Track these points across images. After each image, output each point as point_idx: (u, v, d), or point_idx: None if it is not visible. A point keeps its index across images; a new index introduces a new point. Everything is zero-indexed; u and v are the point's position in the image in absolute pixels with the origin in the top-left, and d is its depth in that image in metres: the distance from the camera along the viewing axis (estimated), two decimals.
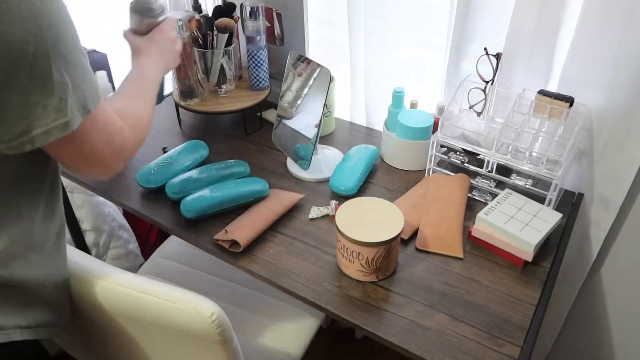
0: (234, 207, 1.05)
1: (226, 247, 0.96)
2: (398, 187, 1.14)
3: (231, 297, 1.21)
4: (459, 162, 1.11)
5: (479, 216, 0.97)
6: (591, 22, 0.93)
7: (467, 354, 0.79)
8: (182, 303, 0.71)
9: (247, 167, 1.13)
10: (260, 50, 1.27)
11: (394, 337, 0.82)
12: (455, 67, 1.15)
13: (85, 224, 1.47)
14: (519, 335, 0.82)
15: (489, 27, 1.08)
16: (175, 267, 1.30)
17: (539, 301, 0.88)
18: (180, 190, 1.05)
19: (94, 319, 0.84)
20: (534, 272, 0.93)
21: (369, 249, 0.86)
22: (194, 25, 1.23)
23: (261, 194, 1.06)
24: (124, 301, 0.74)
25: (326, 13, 1.31)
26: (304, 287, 0.90)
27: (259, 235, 0.99)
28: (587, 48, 0.96)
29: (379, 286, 0.91)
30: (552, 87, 1.07)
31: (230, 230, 0.97)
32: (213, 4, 1.38)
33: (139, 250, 1.68)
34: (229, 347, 0.75)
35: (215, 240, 0.98)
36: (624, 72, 0.93)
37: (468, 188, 1.08)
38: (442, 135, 1.08)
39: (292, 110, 1.18)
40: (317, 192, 1.12)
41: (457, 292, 0.89)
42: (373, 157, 1.17)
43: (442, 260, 0.96)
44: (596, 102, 1.01)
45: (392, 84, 1.25)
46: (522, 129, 1.03)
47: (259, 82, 1.32)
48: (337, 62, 1.33)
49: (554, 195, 1.00)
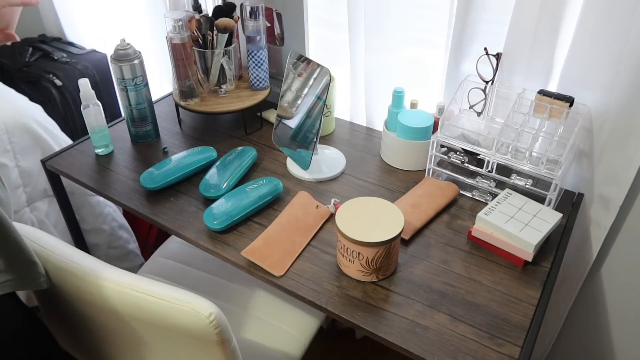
0: (254, 209, 1.05)
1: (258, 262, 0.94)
2: (398, 187, 1.14)
3: (231, 297, 1.21)
4: (459, 162, 1.10)
5: (479, 216, 0.97)
6: (591, 22, 0.93)
7: (467, 354, 0.79)
8: (180, 303, 0.71)
9: (280, 185, 1.10)
10: (260, 50, 1.27)
11: (394, 337, 0.82)
12: (455, 67, 1.15)
13: (85, 224, 1.47)
14: (519, 335, 0.82)
15: (489, 27, 1.08)
16: (175, 267, 1.30)
17: (539, 301, 0.88)
18: (226, 219, 1.02)
19: (93, 318, 0.84)
20: (534, 272, 0.93)
21: (369, 249, 0.86)
22: (194, 25, 1.23)
23: (277, 193, 1.08)
24: (123, 301, 0.74)
25: (326, 13, 1.31)
26: (304, 287, 0.90)
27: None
28: (587, 48, 0.96)
29: (379, 286, 0.91)
30: (552, 87, 1.07)
31: (267, 253, 0.95)
32: (213, 4, 1.38)
33: (139, 250, 1.68)
34: (227, 347, 0.75)
35: (246, 257, 0.95)
36: (624, 72, 0.93)
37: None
38: (442, 135, 1.08)
39: (292, 110, 1.18)
40: (317, 192, 1.12)
41: (457, 292, 0.89)
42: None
43: (442, 260, 0.96)
44: (596, 102, 1.01)
45: (392, 84, 1.25)
46: (522, 129, 1.03)
47: (259, 82, 1.32)
48: (337, 62, 1.33)
49: (554, 195, 1.00)
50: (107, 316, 0.80)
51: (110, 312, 0.78)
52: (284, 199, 1.10)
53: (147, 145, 1.28)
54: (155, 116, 1.28)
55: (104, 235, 1.53)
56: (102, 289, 0.75)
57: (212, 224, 1.00)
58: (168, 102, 1.47)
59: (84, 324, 0.87)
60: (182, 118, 1.38)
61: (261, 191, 1.07)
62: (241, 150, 1.19)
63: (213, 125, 1.37)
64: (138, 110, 1.23)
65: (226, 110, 1.27)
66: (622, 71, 0.93)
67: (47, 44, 1.80)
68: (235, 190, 1.07)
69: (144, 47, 1.60)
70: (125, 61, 1.15)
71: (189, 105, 1.28)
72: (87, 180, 1.15)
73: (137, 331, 0.79)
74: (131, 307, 0.74)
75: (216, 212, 1.02)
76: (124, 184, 1.14)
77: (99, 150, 1.24)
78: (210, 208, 1.03)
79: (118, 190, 1.13)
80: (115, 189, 1.13)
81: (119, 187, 1.14)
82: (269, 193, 1.07)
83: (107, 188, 1.13)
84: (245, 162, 1.16)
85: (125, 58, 1.15)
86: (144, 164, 1.21)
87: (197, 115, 1.40)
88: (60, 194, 1.29)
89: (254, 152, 1.19)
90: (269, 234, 0.99)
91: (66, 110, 1.65)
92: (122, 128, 1.34)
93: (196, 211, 1.07)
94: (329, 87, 1.10)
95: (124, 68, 1.16)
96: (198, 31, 1.24)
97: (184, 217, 1.05)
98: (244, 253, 0.94)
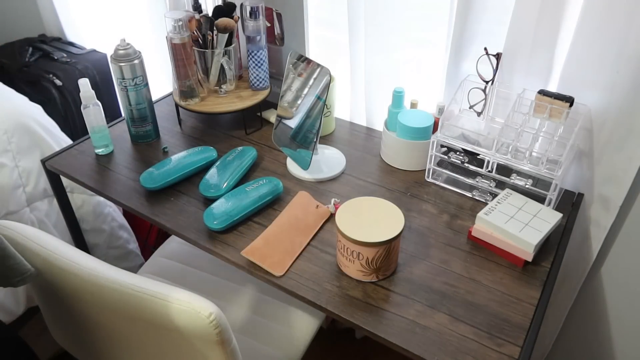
0: (254, 209, 1.05)
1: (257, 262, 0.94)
2: (398, 187, 1.14)
3: (231, 297, 1.21)
4: (459, 162, 1.10)
5: (479, 216, 0.97)
6: (591, 22, 0.93)
7: (467, 354, 0.79)
8: (180, 303, 0.71)
9: (280, 185, 1.10)
10: (260, 50, 1.27)
11: (394, 337, 0.82)
12: (455, 67, 1.15)
13: (85, 224, 1.47)
14: (519, 335, 0.82)
15: (489, 27, 1.08)
16: (175, 267, 1.30)
17: (539, 301, 0.88)
18: (227, 219, 1.02)
19: (93, 318, 0.84)
20: (534, 272, 0.93)
21: (369, 249, 0.86)
22: (194, 25, 1.23)
23: (277, 193, 1.08)
24: (123, 301, 0.74)
25: (326, 13, 1.31)
26: (304, 287, 0.90)
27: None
28: (587, 48, 0.96)
29: (379, 286, 0.91)
30: (552, 87, 1.07)
31: (267, 253, 0.95)
32: (213, 4, 1.38)
33: (139, 250, 1.68)
34: (227, 347, 0.75)
35: (246, 257, 0.95)
36: (624, 72, 0.93)
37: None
38: (442, 135, 1.08)
39: (292, 110, 1.18)
40: (317, 192, 1.12)
41: (457, 292, 0.89)
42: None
43: (442, 260, 0.96)
44: (596, 102, 1.01)
45: (392, 84, 1.25)
46: (522, 129, 1.03)
47: (259, 82, 1.32)
48: (337, 62, 1.33)
49: (554, 195, 1.00)
50: (107, 316, 0.80)
51: (110, 312, 0.78)
52: (284, 199, 1.10)
53: (147, 145, 1.28)
54: (155, 116, 1.28)
55: (104, 235, 1.53)
56: (102, 289, 0.75)
57: (212, 224, 1.00)
58: (168, 102, 1.47)
59: (84, 323, 0.87)
60: (182, 118, 1.38)
61: (261, 191, 1.07)
62: (241, 150, 1.19)
63: (213, 125, 1.37)
64: (138, 110, 1.23)
65: (226, 110, 1.27)
66: (622, 71, 0.93)
67: (47, 44, 1.80)
68: (235, 190, 1.07)
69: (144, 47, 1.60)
70: (125, 61, 1.15)
71: (189, 105, 1.28)
72: (87, 180, 1.15)
73: (137, 331, 0.79)
74: (131, 307, 0.74)
75: (216, 212, 1.02)
76: (124, 184, 1.14)
77: (99, 150, 1.24)
78: (210, 208, 1.03)
79: (118, 190, 1.13)
80: (115, 189, 1.13)
81: (119, 187, 1.14)
82: (269, 193, 1.07)
83: (107, 188, 1.13)
84: (245, 162, 1.16)
85: (125, 58, 1.15)
86: (144, 164, 1.21)
87: (197, 115, 1.40)
88: (60, 194, 1.30)
89: (254, 152, 1.19)
90: (269, 234, 0.99)
91: (66, 110, 1.65)
92: (122, 128, 1.34)
93: (196, 211, 1.07)
94: (329, 87, 1.10)
95: (124, 68, 1.16)
96: (198, 31, 1.24)
97: (184, 217, 1.05)
98: (244, 253, 0.94)
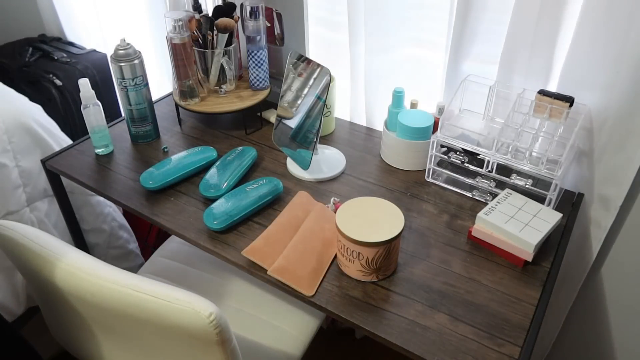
0: (254, 209, 1.05)
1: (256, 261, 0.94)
2: (398, 187, 1.14)
3: (231, 297, 1.21)
4: (459, 162, 1.10)
5: (479, 216, 0.97)
6: (591, 22, 0.93)
7: (467, 353, 0.79)
8: (180, 303, 0.71)
9: (280, 185, 1.10)
10: (260, 50, 1.27)
11: (394, 337, 0.82)
12: (455, 67, 1.15)
13: (85, 224, 1.47)
14: (519, 335, 0.82)
15: (489, 27, 1.08)
16: (175, 267, 1.30)
17: (539, 301, 0.88)
18: (227, 219, 1.02)
19: (93, 318, 0.84)
20: (534, 272, 0.93)
21: (369, 249, 0.86)
22: (194, 25, 1.23)
23: (277, 192, 1.08)
24: (123, 301, 0.74)
25: (326, 13, 1.31)
26: None
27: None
28: (587, 48, 0.96)
29: (379, 286, 0.91)
30: (552, 87, 1.07)
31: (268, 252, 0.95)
32: (213, 4, 1.38)
33: (139, 250, 1.68)
34: (227, 347, 0.75)
35: (246, 256, 0.95)
36: (624, 72, 0.93)
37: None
38: (442, 135, 1.08)
39: (292, 110, 1.18)
40: (317, 192, 1.12)
41: (457, 292, 0.89)
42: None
43: (442, 260, 0.96)
44: (596, 102, 1.01)
45: (392, 84, 1.25)
46: (522, 129, 1.03)
47: (259, 82, 1.32)
48: (337, 62, 1.33)
49: (554, 195, 1.00)
50: (107, 316, 0.80)
51: (111, 312, 0.78)
52: (284, 199, 1.10)
53: (147, 145, 1.28)
54: (155, 116, 1.28)
55: (104, 235, 1.53)
56: (102, 289, 0.75)
57: (212, 224, 1.00)
58: (168, 102, 1.47)
59: (84, 323, 0.87)
60: (182, 118, 1.38)
61: (261, 191, 1.07)
62: (241, 150, 1.19)
63: (213, 125, 1.37)
64: (138, 110, 1.23)
65: (226, 110, 1.27)
66: (622, 71, 0.93)
67: (47, 44, 1.80)
68: (235, 190, 1.07)
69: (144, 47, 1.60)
70: (125, 61, 1.15)
71: (189, 105, 1.28)
72: (87, 180, 1.15)
73: (137, 331, 0.79)
74: (131, 307, 0.74)
75: (216, 212, 1.02)
76: (124, 184, 1.14)
77: (99, 150, 1.24)
78: (210, 208, 1.03)
79: (118, 190, 1.13)
80: (115, 189, 1.13)
81: (119, 187, 1.14)
82: (269, 193, 1.07)
83: (107, 188, 1.13)
84: (245, 162, 1.16)
85: (125, 58, 1.15)
86: (144, 164, 1.21)
87: (197, 115, 1.40)
88: (60, 194, 1.30)
89: (254, 152, 1.19)
90: (269, 233, 0.99)
91: (66, 110, 1.65)
92: (122, 128, 1.34)
93: (196, 211, 1.07)
94: (329, 87, 1.10)
95: (124, 68, 1.16)
96: (198, 31, 1.24)
97: (184, 217, 1.05)
98: (245, 253, 0.94)
